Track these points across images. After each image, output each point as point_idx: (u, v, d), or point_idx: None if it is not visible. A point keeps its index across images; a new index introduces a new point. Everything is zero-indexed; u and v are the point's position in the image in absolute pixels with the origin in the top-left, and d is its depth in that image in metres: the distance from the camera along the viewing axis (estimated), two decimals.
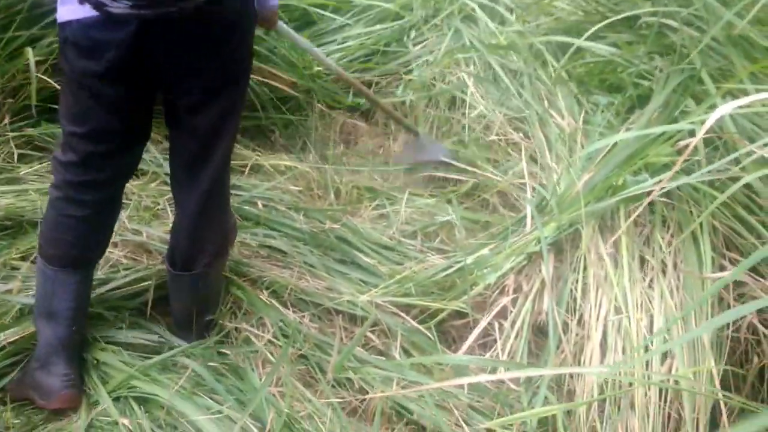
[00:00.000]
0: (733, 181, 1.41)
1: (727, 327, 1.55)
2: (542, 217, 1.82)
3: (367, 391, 1.56)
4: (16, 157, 2.04)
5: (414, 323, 1.74)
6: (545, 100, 2.27)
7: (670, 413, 1.47)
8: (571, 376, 1.57)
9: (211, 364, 1.59)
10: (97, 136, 1.41)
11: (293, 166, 2.28)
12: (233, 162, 1.94)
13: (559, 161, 2.02)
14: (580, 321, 1.64)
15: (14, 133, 2.08)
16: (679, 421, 1.46)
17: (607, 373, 1.51)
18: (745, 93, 1.70)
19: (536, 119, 2.21)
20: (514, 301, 1.73)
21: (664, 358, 1.50)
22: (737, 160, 1.58)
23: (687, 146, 1.57)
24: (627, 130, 1.89)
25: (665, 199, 1.67)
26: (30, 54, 2.04)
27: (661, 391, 1.47)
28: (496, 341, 1.69)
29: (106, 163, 1.45)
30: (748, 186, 1.59)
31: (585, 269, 1.67)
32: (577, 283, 1.67)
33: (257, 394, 1.48)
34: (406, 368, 1.61)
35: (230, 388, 1.53)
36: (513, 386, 1.61)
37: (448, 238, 2.04)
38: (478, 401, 1.58)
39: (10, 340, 1.55)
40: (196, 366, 1.55)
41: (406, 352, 1.70)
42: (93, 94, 1.36)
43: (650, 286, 1.60)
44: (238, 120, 1.53)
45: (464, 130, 2.38)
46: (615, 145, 1.81)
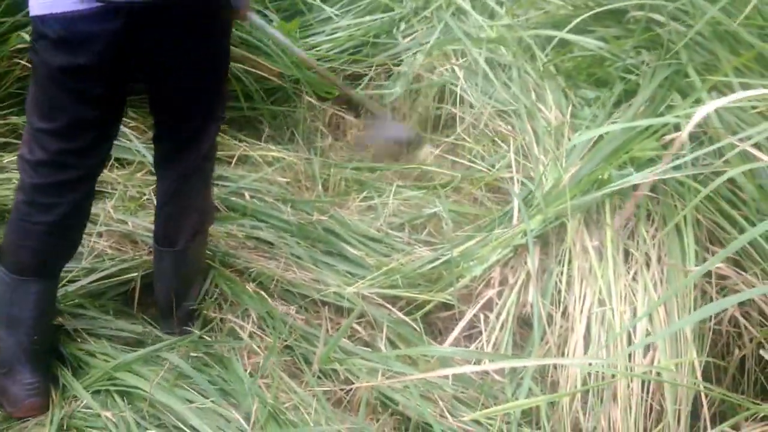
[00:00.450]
0: (717, 175, 1.42)
1: (710, 319, 1.57)
2: (528, 210, 1.83)
3: (352, 382, 1.56)
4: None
5: (400, 315, 1.74)
6: (533, 93, 2.27)
7: (652, 404, 1.49)
8: (555, 367, 1.59)
9: (195, 354, 1.58)
10: (69, 133, 1.36)
11: (281, 157, 2.27)
12: (220, 153, 1.94)
13: (546, 154, 2.03)
14: (565, 313, 1.65)
15: None
16: (660, 413, 1.48)
17: (590, 365, 1.53)
18: (730, 87, 1.72)
19: (524, 112, 2.22)
20: (500, 293, 1.74)
21: (646, 351, 1.52)
22: (721, 154, 1.59)
23: (673, 140, 1.59)
24: (613, 123, 1.90)
25: (650, 193, 1.69)
26: None
27: (643, 383, 1.48)
28: (481, 333, 1.70)
29: (78, 161, 1.39)
30: (731, 180, 1.61)
31: (570, 262, 1.69)
32: (562, 275, 1.69)
33: (243, 385, 1.48)
34: (391, 359, 1.62)
35: (215, 379, 1.53)
36: (497, 377, 1.63)
37: (435, 231, 2.05)
38: (463, 392, 1.59)
39: None
40: (178, 358, 1.53)
41: (392, 344, 1.70)
42: (70, 89, 1.32)
43: (634, 279, 1.61)
44: (224, 105, 1.56)
45: (453, 123, 2.38)
46: (601, 138, 1.83)
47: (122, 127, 1.88)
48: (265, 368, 1.54)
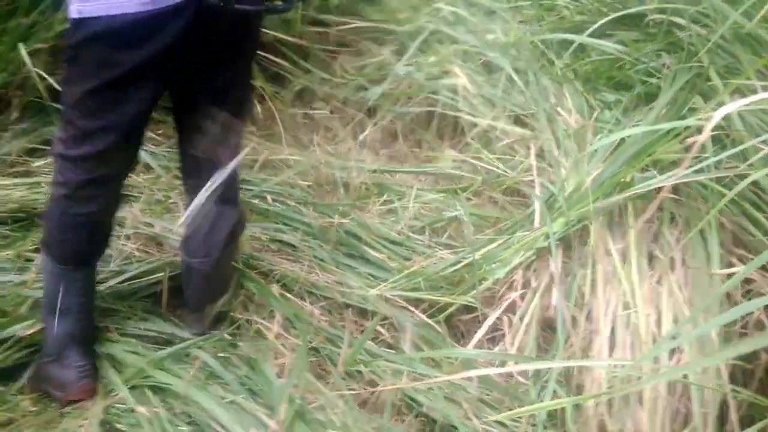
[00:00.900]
0: (741, 178, 1.42)
1: (735, 323, 1.56)
2: (550, 213, 1.83)
3: (377, 384, 1.57)
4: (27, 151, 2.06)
5: (423, 317, 1.75)
6: (552, 96, 2.28)
7: (678, 408, 1.49)
8: (580, 370, 1.59)
9: (223, 355, 1.60)
10: (117, 129, 1.39)
11: (302, 161, 2.29)
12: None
13: (567, 158, 2.03)
14: (589, 316, 1.65)
15: (23, 125, 2.09)
16: (687, 416, 1.48)
17: (615, 367, 1.53)
18: (752, 90, 1.72)
19: (543, 116, 2.22)
20: (523, 296, 1.74)
21: (672, 354, 1.52)
22: (745, 156, 1.59)
23: (695, 143, 1.59)
24: (634, 126, 1.90)
25: (673, 196, 1.69)
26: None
27: (669, 386, 1.48)
28: (504, 335, 1.70)
29: (123, 154, 1.45)
30: (754, 183, 1.60)
31: (593, 265, 1.69)
32: (586, 278, 1.69)
33: (271, 385, 1.49)
34: (415, 361, 1.63)
35: (242, 378, 1.55)
36: (522, 380, 1.63)
37: (456, 234, 2.06)
38: (487, 394, 1.59)
39: (28, 333, 1.57)
40: (208, 357, 1.56)
41: (416, 346, 1.71)
42: (124, 85, 1.33)
43: (659, 282, 1.61)
44: (251, 109, 1.58)
45: (472, 127, 2.39)
46: (623, 141, 1.83)
47: (149, 132, 1.92)
48: (293, 370, 1.56)
